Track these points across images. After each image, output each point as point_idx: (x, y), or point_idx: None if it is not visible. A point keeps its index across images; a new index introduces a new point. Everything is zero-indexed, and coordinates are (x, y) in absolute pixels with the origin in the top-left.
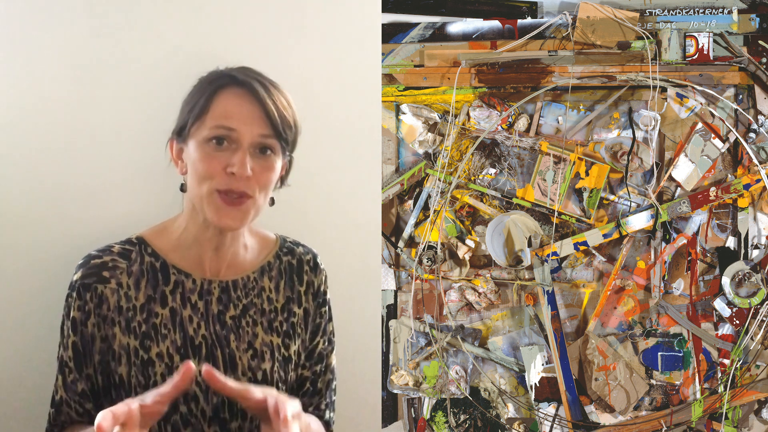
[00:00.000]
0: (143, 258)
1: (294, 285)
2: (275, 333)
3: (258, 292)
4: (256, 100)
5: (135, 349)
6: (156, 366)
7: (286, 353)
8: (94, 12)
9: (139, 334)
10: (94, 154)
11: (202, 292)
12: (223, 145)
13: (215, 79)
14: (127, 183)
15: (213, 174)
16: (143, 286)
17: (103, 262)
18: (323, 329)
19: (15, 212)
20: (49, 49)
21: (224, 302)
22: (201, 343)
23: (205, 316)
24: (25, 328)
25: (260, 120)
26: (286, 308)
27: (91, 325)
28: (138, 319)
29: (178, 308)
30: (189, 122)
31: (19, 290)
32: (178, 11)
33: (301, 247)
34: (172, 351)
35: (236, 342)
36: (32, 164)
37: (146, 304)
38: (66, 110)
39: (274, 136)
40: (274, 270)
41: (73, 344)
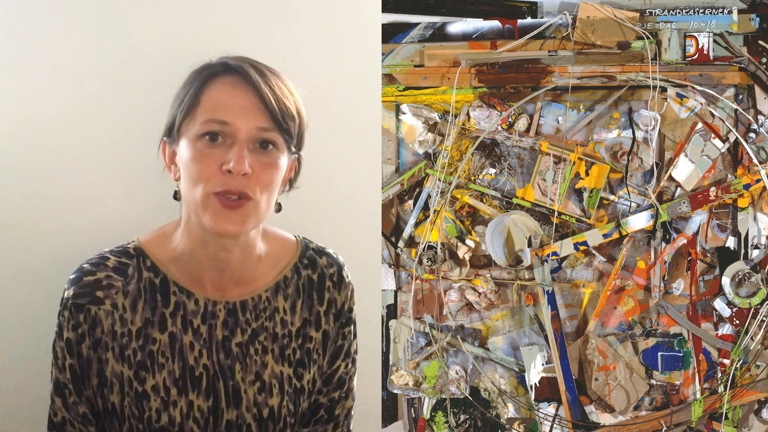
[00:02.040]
0: (141, 274)
1: (313, 305)
2: (287, 362)
3: (270, 314)
4: (251, 87)
5: (129, 379)
6: (151, 400)
7: (298, 384)
8: (86, 17)
9: (133, 363)
10: (90, 158)
11: (206, 315)
12: (217, 141)
13: (205, 68)
14: (124, 186)
15: (207, 175)
16: (140, 308)
17: (97, 279)
18: (346, 351)
19: (10, 216)
20: (44, 54)
21: (230, 326)
22: (202, 374)
23: (207, 343)
24: (19, 334)
25: (257, 111)
26: (302, 333)
27: (86, 348)
28: (133, 346)
29: (178, 333)
30: (178, 118)
31: (15, 295)
32: (171, 14)
33: (325, 256)
34: (168, 383)
35: (242, 373)
36: (27, 168)
37: (143, 328)
38: (62, 114)
39: (275, 128)
40: (291, 287)
41: (70, 367)
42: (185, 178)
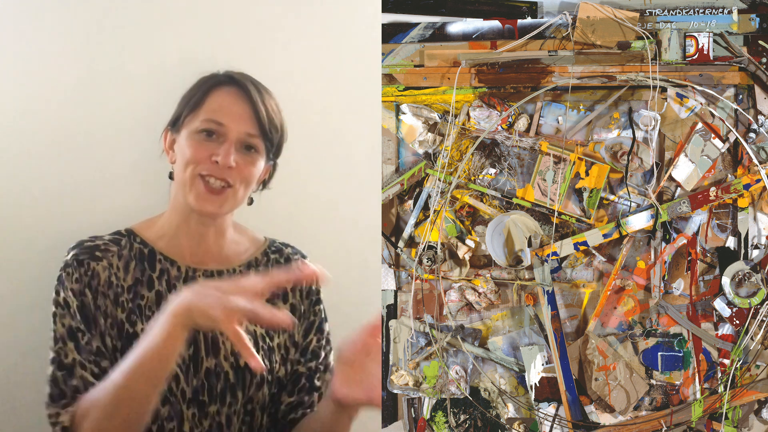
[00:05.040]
0: (132, 245)
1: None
2: (259, 324)
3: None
4: (248, 99)
5: (121, 321)
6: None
7: (271, 344)
8: (87, 13)
9: (126, 308)
10: (86, 152)
11: (187, 279)
12: (212, 138)
13: (213, 77)
14: (118, 180)
15: (198, 159)
16: (132, 269)
17: (96, 245)
18: (317, 327)
19: (6, 208)
20: (43, 49)
21: None
22: None
23: None
24: (15, 323)
25: (249, 119)
26: (271, 303)
27: (89, 294)
28: (126, 297)
29: (164, 292)
30: (184, 113)
31: (9, 285)
32: (175, 11)
33: (290, 247)
34: None
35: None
36: (24, 161)
37: (133, 285)
38: (59, 109)
39: (260, 135)
40: (261, 266)
41: (78, 309)
42: (179, 161)
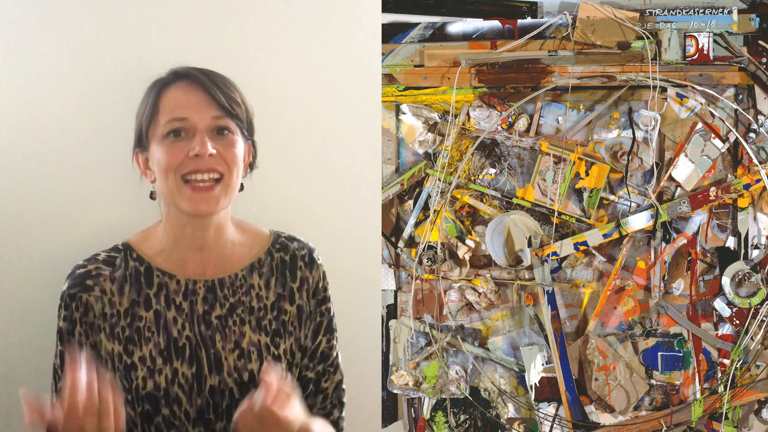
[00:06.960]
0: (127, 263)
1: (286, 282)
2: (264, 332)
3: (246, 290)
4: (200, 87)
5: (119, 354)
6: (138, 370)
7: (276, 352)
8: (79, 18)
9: (122, 339)
10: (81, 160)
11: (187, 293)
12: (180, 137)
13: (158, 80)
14: (112, 189)
15: (176, 162)
16: (127, 290)
17: (87, 271)
18: (326, 327)
19: (6, 208)
20: (36, 55)
21: (210, 302)
22: (185, 344)
23: (189, 317)
24: (12, 333)
25: (208, 104)
26: (277, 306)
27: (78, 334)
28: (122, 324)
29: (162, 310)
30: (144, 126)
31: (7, 295)
32: (169, 13)
33: (296, 242)
34: (154, 354)
35: (222, 342)
36: (18, 170)
37: (130, 308)
38: (53, 116)
39: (226, 115)
40: (265, 266)
41: (61, 353)
42: (159, 173)
